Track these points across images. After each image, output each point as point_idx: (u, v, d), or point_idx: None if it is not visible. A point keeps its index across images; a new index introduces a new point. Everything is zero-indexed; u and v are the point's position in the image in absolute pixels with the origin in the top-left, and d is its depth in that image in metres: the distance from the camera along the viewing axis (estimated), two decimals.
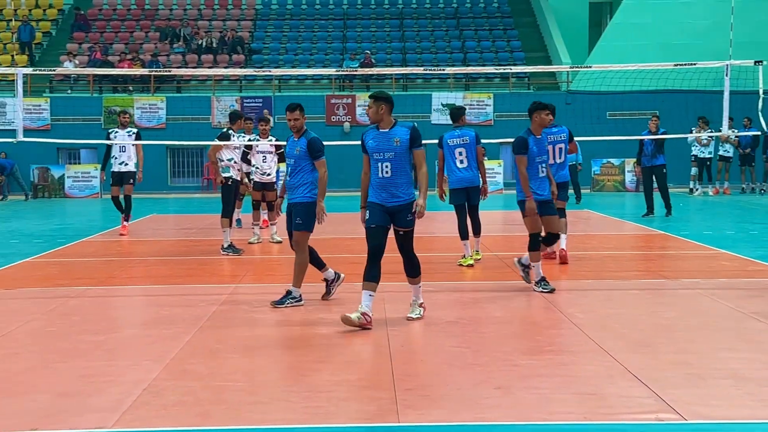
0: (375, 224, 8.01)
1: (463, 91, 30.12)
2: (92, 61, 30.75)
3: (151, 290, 10.21)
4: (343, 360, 6.77)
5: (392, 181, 7.95)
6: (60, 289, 10.06)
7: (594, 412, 5.48)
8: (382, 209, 8.00)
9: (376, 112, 7.93)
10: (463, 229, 11.57)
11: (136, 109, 29.12)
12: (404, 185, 7.98)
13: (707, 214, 19.56)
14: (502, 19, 35.02)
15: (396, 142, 7.90)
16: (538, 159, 9.76)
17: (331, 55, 32.73)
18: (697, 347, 7.16)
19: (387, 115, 7.98)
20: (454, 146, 11.53)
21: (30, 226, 17.84)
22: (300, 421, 5.36)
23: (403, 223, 8.08)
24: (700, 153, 24.65)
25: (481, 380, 6.17)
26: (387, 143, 7.92)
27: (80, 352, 7.12)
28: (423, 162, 8.03)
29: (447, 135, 11.64)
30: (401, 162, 7.94)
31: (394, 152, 7.90)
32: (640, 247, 14.29)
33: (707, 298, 9.16)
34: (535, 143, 9.74)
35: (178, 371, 6.47)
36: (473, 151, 11.52)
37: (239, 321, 8.36)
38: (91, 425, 5.28)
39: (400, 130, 7.96)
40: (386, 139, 7.93)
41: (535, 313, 8.61)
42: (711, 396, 5.81)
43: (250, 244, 14.03)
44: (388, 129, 7.97)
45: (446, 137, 11.61)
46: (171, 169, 29.72)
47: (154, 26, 34.33)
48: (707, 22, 29.49)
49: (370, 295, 7.95)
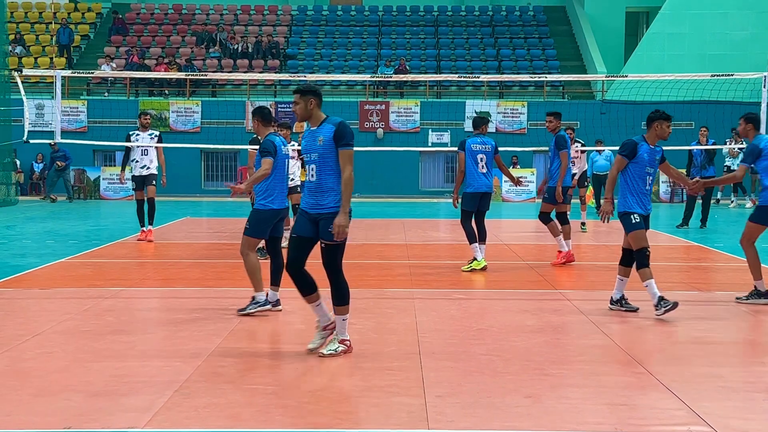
0: (296, 234, 7.08)
1: (496, 99, 30.08)
2: (129, 64, 31.06)
3: (184, 293, 10.28)
4: (374, 366, 6.77)
5: (318, 185, 6.96)
6: (94, 289, 10.16)
7: (625, 423, 5.45)
8: (307, 218, 7.04)
9: (305, 108, 7.00)
10: (471, 232, 11.72)
11: (172, 112, 29.38)
12: (331, 191, 6.93)
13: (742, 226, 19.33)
14: (537, 28, 34.93)
15: (320, 141, 6.93)
16: (649, 170, 8.89)
17: (366, 62, 32.81)
18: (731, 360, 7.08)
19: (317, 110, 7.03)
20: (476, 152, 11.88)
21: (65, 227, 18.04)
22: (329, 425, 5.37)
23: (325, 234, 6.95)
24: (733, 164, 24.44)
25: (512, 389, 6.15)
26: (313, 143, 6.98)
27: (113, 352, 7.19)
28: (348, 164, 6.91)
29: (470, 141, 11.99)
30: (328, 164, 6.93)
31: (318, 153, 6.92)
32: (675, 258, 14.17)
33: (741, 311, 9.06)
34: (648, 153, 8.88)
35: (209, 373, 6.51)
36: (492, 158, 11.96)
37: (270, 324, 8.40)
38: (123, 425, 5.33)
39: (325, 128, 6.97)
40: (313, 138, 7.00)
41: (567, 321, 8.57)
42: (744, 409, 5.75)
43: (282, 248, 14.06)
44: (317, 127, 7.02)
45: (469, 142, 11.93)
46: (204, 172, 29.93)
47: (190, 31, 34.62)
48: (745, 33, 29.23)
49: (343, 319, 7.09)
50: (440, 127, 29.26)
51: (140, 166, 15.16)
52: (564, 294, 10.04)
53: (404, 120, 29.63)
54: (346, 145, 6.90)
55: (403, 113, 29.69)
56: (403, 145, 27.06)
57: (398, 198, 28.28)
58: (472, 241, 11.78)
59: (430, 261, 12.99)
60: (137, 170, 15.18)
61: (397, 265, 12.49)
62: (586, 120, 27.72)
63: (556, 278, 11.26)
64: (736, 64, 26.81)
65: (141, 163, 15.15)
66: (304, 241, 7.05)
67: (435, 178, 30.30)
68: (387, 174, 29.07)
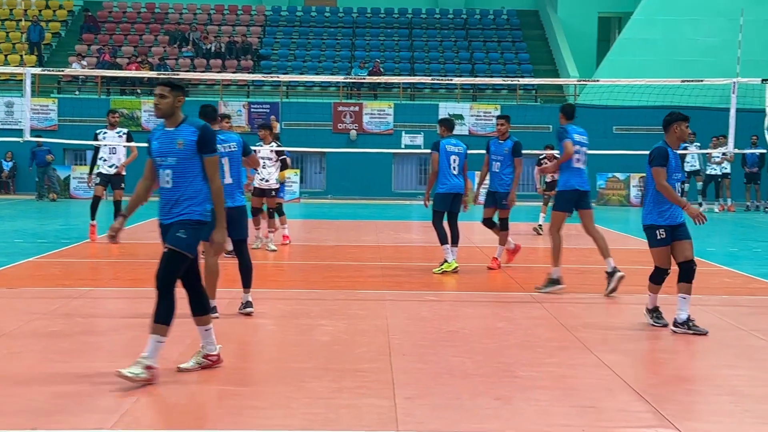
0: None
1: (470, 102, 30.17)
2: (101, 62, 30.85)
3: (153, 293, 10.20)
4: (344, 367, 6.77)
5: (175, 194, 6.30)
6: (63, 289, 10.08)
7: (593, 425, 5.48)
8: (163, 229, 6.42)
9: (172, 104, 6.31)
10: (443, 233, 11.74)
11: (144, 111, 29.19)
12: (188, 202, 6.28)
13: (711, 230, 19.54)
14: (510, 31, 35.08)
15: (179, 145, 6.26)
16: (676, 176, 8.41)
17: (340, 63, 32.80)
18: (698, 363, 7.15)
19: (179, 110, 6.38)
20: (450, 153, 11.90)
21: (34, 226, 17.88)
22: (299, 427, 5.37)
23: (170, 238, 6.28)
24: (712, 170, 24.77)
25: (482, 391, 6.17)
26: (171, 145, 6.29)
27: (81, 352, 7.14)
28: (216, 173, 6.35)
29: (444, 141, 11.95)
30: (188, 170, 6.28)
31: (177, 157, 6.26)
32: (644, 262, 14.25)
33: (709, 314, 9.15)
34: (675, 158, 8.40)
35: (178, 374, 6.48)
36: (463, 161, 11.98)
37: (240, 326, 8.37)
38: (90, 425, 5.29)
39: (186, 130, 6.30)
40: (171, 140, 6.30)
41: (537, 324, 8.61)
42: (710, 412, 5.81)
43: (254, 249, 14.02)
44: (175, 127, 6.33)
45: (443, 143, 11.90)
46: None
47: (163, 30, 34.42)
48: (715, 40, 29.52)
49: (158, 341, 6.26)
50: (413, 129, 29.30)
51: (108, 164, 15.09)
52: (534, 297, 10.09)
53: (377, 122, 29.65)
54: (212, 151, 6.31)
55: (376, 115, 29.71)
56: (376, 147, 27.07)
57: (371, 200, 28.29)
58: (444, 242, 11.80)
59: (401, 263, 13.01)
60: (104, 168, 15.08)
61: (368, 266, 12.49)
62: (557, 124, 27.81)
63: (527, 281, 11.31)
64: (706, 70, 27.05)
65: (109, 162, 15.09)
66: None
67: (408, 180, 30.33)
68: (360, 176, 29.07)
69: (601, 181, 27.80)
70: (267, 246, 14.06)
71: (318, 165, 29.97)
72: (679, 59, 29.55)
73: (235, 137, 8.90)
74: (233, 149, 8.75)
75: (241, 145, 8.90)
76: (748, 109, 20.55)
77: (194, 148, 6.25)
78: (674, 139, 8.43)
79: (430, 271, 11.85)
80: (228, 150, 8.69)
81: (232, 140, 8.83)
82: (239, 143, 8.88)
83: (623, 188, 27.95)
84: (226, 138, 8.79)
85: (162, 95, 6.29)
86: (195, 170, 6.30)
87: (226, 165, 8.60)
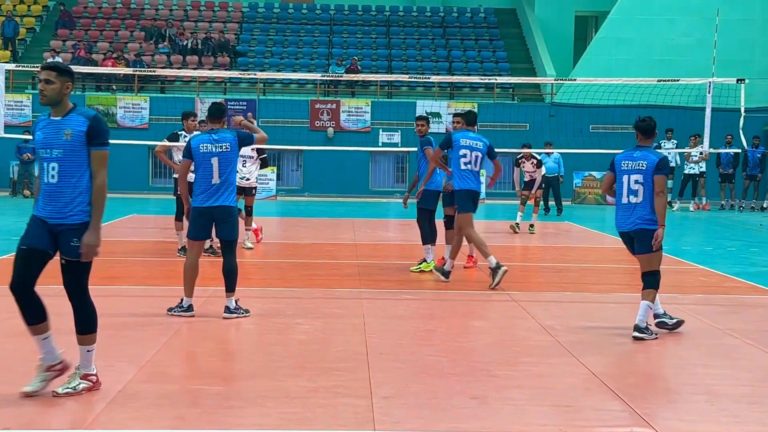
0: (27, 246, 5.76)
1: (447, 100, 30.19)
2: (76, 58, 30.58)
3: (129, 291, 10.15)
4: (320, 366, 6.75)
5: (59, 189, 5.70)
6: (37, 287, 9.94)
7: (569, 424, 5.49)
8: (44, 227, 5.75)
9: (60, 90, 5.72)
10: (428, 233, 11.64)
11: (119, 108, 29.00)
12: (77, 198, 5.71)
13: (686, 229, 19.67)
14: (488, 30, 35.14)
15: (66, 135, 5.70)
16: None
17: (317, 60, 32.72)
18: (673, 362, 7.19)
19: (67, 98, 5.80)
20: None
21: (8, 222, 17.70)
22: (275, 426, 5.34)
23: (66, 249, 5.71)
24: (690, 169, 24.94)
25: (458, 390, 6.17)
26: (57, 136, 5.73)
27: None
28: (103, 168, 5.74)
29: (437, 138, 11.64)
30: (75, 163, 5.71)
31: (63, 149, 5.70)
32: (620, 261, 14.33)
33: (684, 313, 9.19)
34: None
35: (153, 373, 6.44)
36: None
37: (216, 325, 8.33)
38: (64, 426, 5.24)
39: (75, 119, 5.74)
40: (57, 130, 5.74)
41: (514, 324, 8.62)
42: (685, 411, 5.84)
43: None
44: (62, 117, 5.76)
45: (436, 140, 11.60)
46: (152, 169, 29.59)
47: (139, 26, 34.20)
48: (691, 39, 29.71)
49: (45, 338, 5.95)
50: (391, 127, 29.28)
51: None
52: (511, 295, 10.11)
53: (355, 119, 29.61)
54: (102, 144, 5.74)
55: (353, 113, 29.67)
56: (353, 145, 27.03)
57: (348, 197, 28.25)
58: (427, 241, 11.71)
59: (378, 261, 12.99)
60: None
61: (345, 264, 12.46)
62: (535, 122, 27.96)
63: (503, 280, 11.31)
64: (682, 70, 27.23)
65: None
66: (35, 255, 5.74)
67: (385, 178, 30.31)
68: (337, 173, 29.01)
69: (578, 180, 27.91)
70: (243, 244, 14.00)
71: (295, 162, 29.90)
72: (656, 58, 29.71)
73: (229, 137, 8.61)
74: (226, 150, 8.52)
75: (236, 142, 8.61)
76: (724, 108, 20.70)
77: (83, 140, 5.68)
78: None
79: (407, 270, 11.83)
80: (220, 150, 8.51)
81: (226, 141, 8.56)
82: (234, 142, 8.57)
83: (599, 186, 28.06)
84: (219, 138, 8.58)
85: (48, 80, 5.69)
86: (84, 164, 5.72)
87: (215, 165, 8.47)
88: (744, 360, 7.30)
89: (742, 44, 29.71)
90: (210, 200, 8.46)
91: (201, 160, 8.48)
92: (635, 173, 8.10)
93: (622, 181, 8.18)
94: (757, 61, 29.83)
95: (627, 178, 8.14)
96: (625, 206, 8.16)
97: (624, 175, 8.17)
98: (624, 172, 8.17)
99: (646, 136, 8.28)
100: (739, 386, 6.46)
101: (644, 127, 8.29)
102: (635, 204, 8.09)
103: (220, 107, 8.87)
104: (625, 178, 8.15)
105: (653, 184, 8.02)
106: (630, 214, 8.12)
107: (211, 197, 8.46)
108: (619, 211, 8.25)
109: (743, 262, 13.55)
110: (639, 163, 8.10)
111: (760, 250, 14.95)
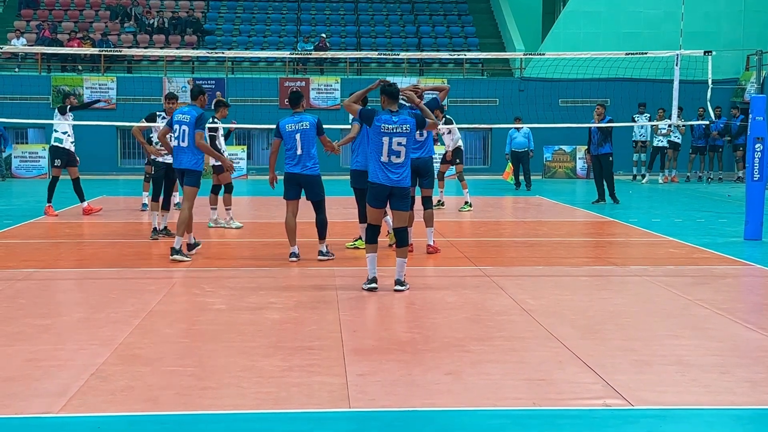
0: None
1: (417, 76, 30.12)
2: (40, 39, 30.17)
3: (100, 273, 10.07)
4: (294, 345, 6.75)
5: None
6: (5, 271, 9.87)
7: (543, 397, 5.53)
8: None
9: None
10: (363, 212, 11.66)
11: (86, 89, 28.65)
12: None
13: (655, 201, 19.82)
14: (456, 5, 35.03)
15: None
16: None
17: (285, 38, 32.49)
18: (644, 334, 7.26)
19: None
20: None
21: None
22: (250, 406, 5.34)
23: None
24: (659, 142, 25.10)
25: (432, 366, 6.19)
26: None
27: (26, 335, 7.01)
28: None
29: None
30: None
31: None
32: (590, 234, 14.43)
33: (654, 285, 9.28)
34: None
35: (126, 356, 6.40)
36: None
37: (189, 305, 8.30)
38: (37, 410, 5.21)
39: None
40: None
41: (486, 299, 8.66)
42: (657, 382, 5.90)
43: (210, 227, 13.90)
44: None
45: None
46: (121, 150, 29.33)
47: (104, 5, 33.73)
48: (658, 12, 29.81)
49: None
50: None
51: (71, 141, 15.69)
52: (483, 270, 10.14)
53: (324, 97, 29.48)
54: None
55: (323, 90, 29.53)
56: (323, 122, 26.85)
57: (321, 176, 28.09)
58: (363, 220, 11.62)
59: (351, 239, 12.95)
60: (68, 144, 15.59)
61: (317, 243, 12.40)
62: (504, 97, 27.97)
63: (475, 255, 11.36)
64: (650, 43, 27.34)
65: (71, 138, 15.70)
66: None
67: None
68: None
69: (548, 154, 27.98)
70: (229, 224, 13.98)
71: (265, 141, 29.72)
72: (623, 31, 29.80)
73: (308, 117, 11.05)
74: (305, 128, 10.83)
75: (314, 122, 11.15)
76: (692, 80, 20.82)
77: None
78: None
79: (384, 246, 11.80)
80: (301, 128, 10.83)
81: (305, 120, 10.93)
82: (312, 122, 11.08)
83: (569, 160, 28.18)
84: (300, 119, 10.93)
85: None
86: None
87: (298, 140, 10.74)
88: (714, 330, 7.38)
89: (709, 16, 29.84)
90: (296, 167, 10.64)
91: (287, 137, 10.66)
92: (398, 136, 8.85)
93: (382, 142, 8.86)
94: (724, 33, 29.98)
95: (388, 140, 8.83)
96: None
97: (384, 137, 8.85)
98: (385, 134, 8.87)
99: (392, 99, 9.08)
100: (710, 356, 6.53)
101: (391, 92, 9.12)
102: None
103: (297, 95, 11.22)
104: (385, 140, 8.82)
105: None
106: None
107: (297, 165, 10.65)
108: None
109: (712, 233, 13.68)
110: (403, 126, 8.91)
111: (728, 221, 15.09)
